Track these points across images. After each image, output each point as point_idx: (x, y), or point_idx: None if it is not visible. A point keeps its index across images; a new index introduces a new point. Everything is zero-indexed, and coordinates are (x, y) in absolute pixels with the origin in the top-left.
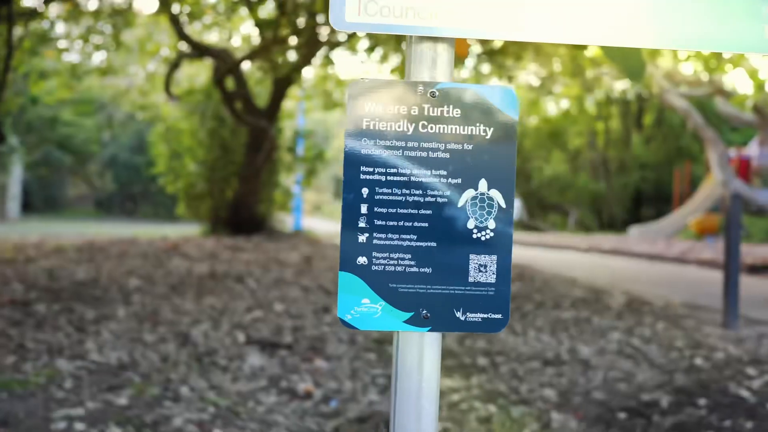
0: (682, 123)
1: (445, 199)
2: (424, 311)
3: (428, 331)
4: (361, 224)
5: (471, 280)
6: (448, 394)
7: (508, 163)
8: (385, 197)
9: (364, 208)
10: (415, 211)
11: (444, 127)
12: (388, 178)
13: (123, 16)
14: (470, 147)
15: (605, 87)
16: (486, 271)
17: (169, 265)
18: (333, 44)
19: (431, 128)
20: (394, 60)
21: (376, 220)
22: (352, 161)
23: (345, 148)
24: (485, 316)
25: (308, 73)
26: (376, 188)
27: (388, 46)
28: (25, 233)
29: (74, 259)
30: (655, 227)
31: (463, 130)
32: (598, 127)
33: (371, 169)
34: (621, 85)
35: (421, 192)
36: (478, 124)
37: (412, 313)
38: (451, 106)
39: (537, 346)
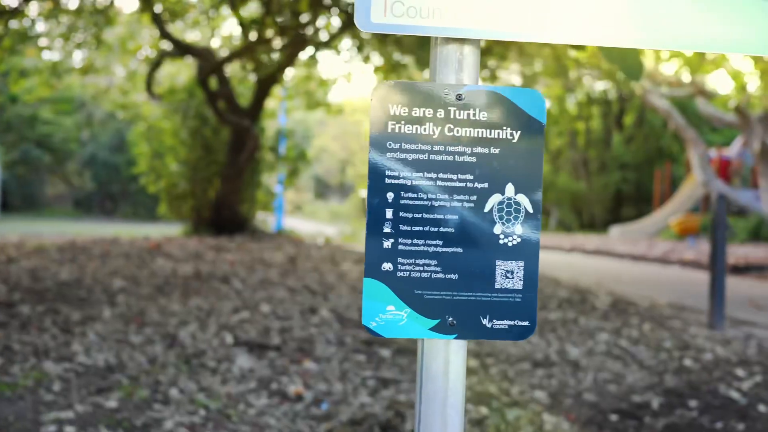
0: (663, 123)
1: (472, 204)
2: (450, 318)
3: (454, 338)
4: (386, 229)
5: (497, 286)
6: None
7: (536, 168)
8: (410, 202)
9: (389, 213)
10: (441, 216)
11: (470, 131)
12: (414, 182)
13: (104, 15)
14: (497, 151)
15: (586, 87)
16: (513, 278)
17: (153, 266)
18: (317, 44)
19: (457, 131)
20: (377, 60)
21: (401, 226)
22: (377, 165)
23: (369, 152)
24: (512, 323)
25: (290, 72)
26: (402, 193)
27: (371, 47)
28: (5, 233)
29: (56, 259)
30: (636, 227)
31: (490, 134)
32: (578, 127)
33: (396, 174)
34: (601, 85)
35: (447, 197)
36: (504, 128)
37: (438, 321)
38: (477, 109)
39: (526, 348)
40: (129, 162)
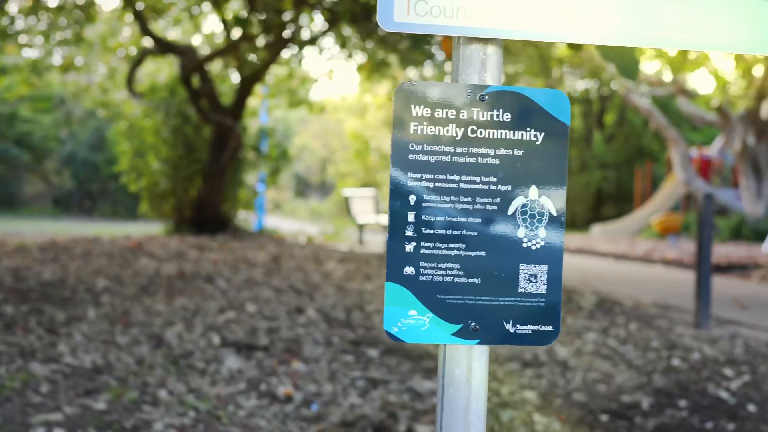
0: (644, 122)
1: (495, 207)
2: (473, 323)
3: (477, 344)
4: (409, 233)
5: (521, 290)
6: (428, 397)
7: (559, 170)
8: (433, 205)
9: (411, 216)
10: (464, 219)
11: (493, 132)
12: (436, 185)
13: (85, 12)
14: (520, 153)
15: (567, 86)
16: (536, 282)
17: (137, 265)
18: (300, 42)
19: (480, 133)
20: (360, 58)
21: (423, 229)
22: (399, 168)
23: (391, 154)
24: (535, 328)
25: (272, 70)
26: (424, 195)
27: (354, 46)
28: None
29: (38, 258)
30: (617, 226)
31: (513, 135)
32: None
33: (419, 176)
34: (583, 85)
35: (469, 199)
36: (528, 129)
37: (461, 326)
38: (500, 110)
39: (514, 348)
40: (108, 160)
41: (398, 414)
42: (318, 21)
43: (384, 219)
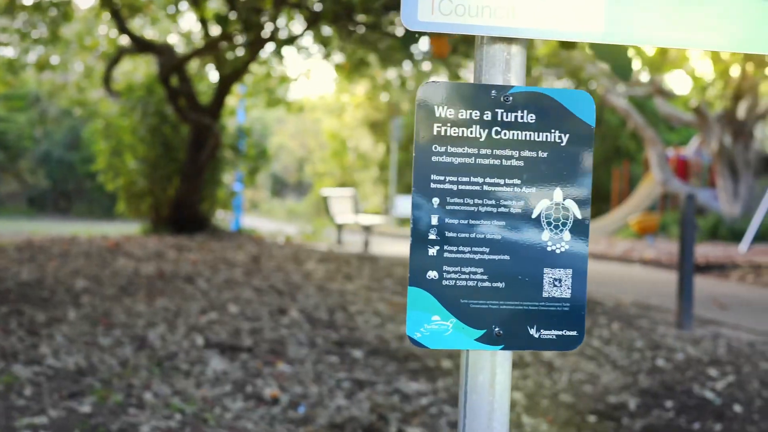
0: (621, 122)
1: (519, 210)
2: (497, 329)
3: (501, 349)
4: (432, 236)
5: (545, 295)
6: (416, 398)
7: (585, 172)
8: (456, 208)
9: (434, 220)
10: (488, 223)
11: (518, 134)
12: (460, 187)
13: (61, 10)
14: (545, 154)
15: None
16: (561, 286)
17: (115, 265)
18: (280, 41)
19: (504, 134)
20: (338, 57)
21: (447, 232)
22: (422, 169)
23: (414, 156)
24: (560, 333)
25: (250, 70)
26: (447, 198)
27: (332, 46)
28: None
29: (15, 258)
30: (595, 226)
31: (538, 137)
32: None
33: (442, 178)
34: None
35: (494, 202)
36: (553, 131)
37: (484, 331)
38: (525, 111)
39: None
40: (84, 159)
41: (388, 416)
42: (297, 20)
43: (362, 219)
